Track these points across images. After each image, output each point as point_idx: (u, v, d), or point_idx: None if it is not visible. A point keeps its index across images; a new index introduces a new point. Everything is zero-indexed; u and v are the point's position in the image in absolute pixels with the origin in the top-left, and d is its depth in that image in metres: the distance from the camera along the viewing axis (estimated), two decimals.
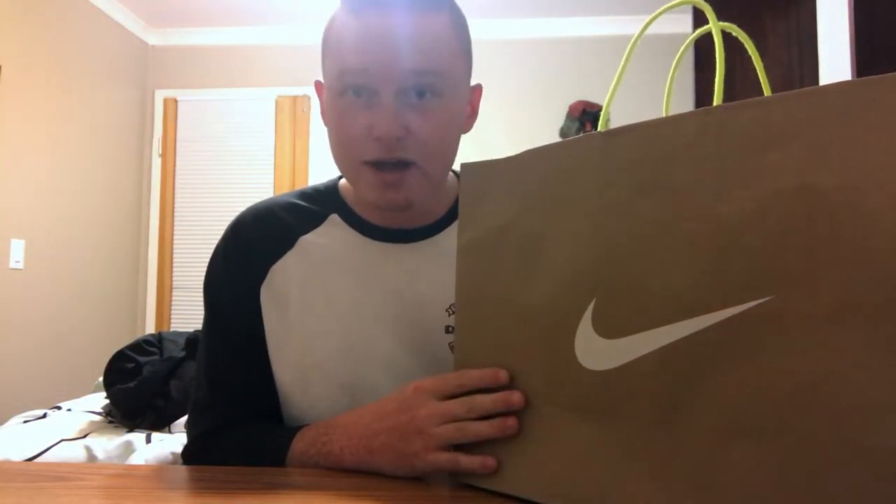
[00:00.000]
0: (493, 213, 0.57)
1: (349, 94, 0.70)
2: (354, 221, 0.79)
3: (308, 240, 0.79)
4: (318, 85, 0.79)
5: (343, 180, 0.83)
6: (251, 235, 0.80)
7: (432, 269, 0.76)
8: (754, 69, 0.49)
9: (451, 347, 0.70)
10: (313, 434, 0.67)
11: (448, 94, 0.71)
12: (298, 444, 0.67)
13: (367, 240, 0.78)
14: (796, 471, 0.38)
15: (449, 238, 0.78)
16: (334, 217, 0.80)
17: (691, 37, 0.54)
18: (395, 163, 0.70)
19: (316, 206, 0.81)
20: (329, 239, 0.78)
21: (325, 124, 0.76)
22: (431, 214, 0.79)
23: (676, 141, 0.45)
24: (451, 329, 0.74)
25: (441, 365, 0.70)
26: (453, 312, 0.72)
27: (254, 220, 0.81)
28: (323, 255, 0.77)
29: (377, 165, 0.70)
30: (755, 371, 0.40)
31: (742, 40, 0.50)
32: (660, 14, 0.49)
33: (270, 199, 0.84)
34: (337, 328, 0.75)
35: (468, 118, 0.79)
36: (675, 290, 0.44)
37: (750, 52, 0.49)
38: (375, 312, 0.75)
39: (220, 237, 0.83)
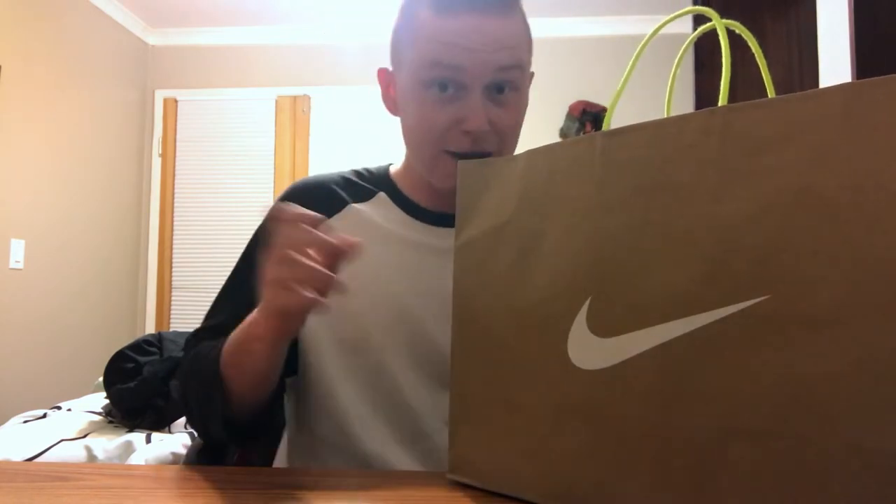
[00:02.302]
0: (491, 212, 0.57)
1: (435, 87, 0.73)
2: (401, 202, 0.83)
3: (357, 208, 0.82)
4: (383, 73, 0.83)
5: (393, 167, 0.87)
6: (302, 199, 0.82)
7: None
8: (755, 68, 0.49)
9: None
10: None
11: (522, 87, 0.76)
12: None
13: (411, 218, 0.82)
14: (794, 472, 0.38)
15: None
16: (382, 195, 0.84)
17: (692, 36, 0.54)
18: (478, 154, 0.73)
19: (367, 183, 0.85)
20: (376, 211, 0.82)
21: (394, 112, 0.81)
22: None
23: (680, 141, 0.45)
24: None
25: None
26: None
27: (305, 187, 0.85)
28: (369, 224, 0.81)
29: (459, 155, 0.73)
30: (752, 371, 0.40)
31: (745, 38, 0.50)
32: (668, 22, 0.49)
33: (322, 174, 0.88)
34: (372, 296, 0.78)
35: None
36: (671, 288, 0.44)
37: (753, 50, 0.49)
38: (410, 285, 0.78)
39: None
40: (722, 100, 0.45)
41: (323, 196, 0.82)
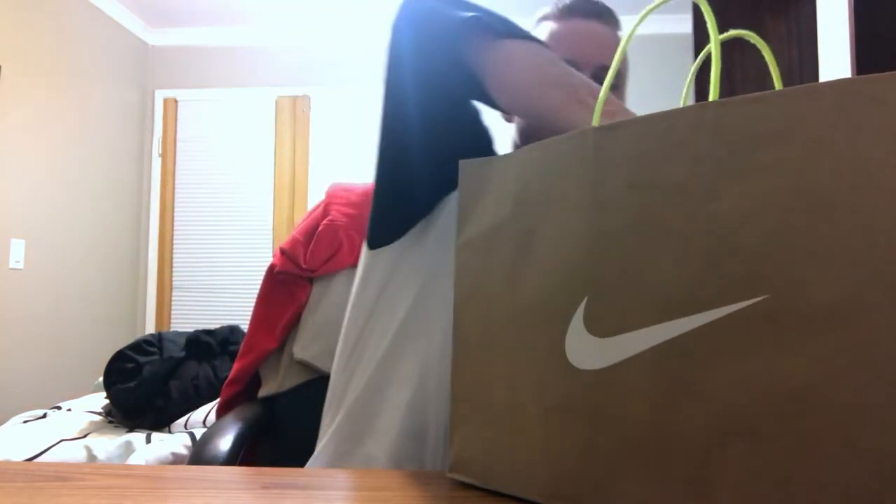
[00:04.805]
0: (490, 210, 0.57)
1: None
2: None
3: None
4: None
5: None
6: None
7: None
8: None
9: None
10: None
11: (617, 88, 0.93)
12: None
13: None
14: (794, 472, 0.38)
15: None
16: None
17: (711, 43, 0.54)
18: None
19: None
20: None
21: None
22: None
23: (671, 137, 0.44)
24: None
25: None
26: None
27: None
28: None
29: None
30: (751, 371, 0.40)
31: (759, 47, 0.49)
32: (652, 10, 0.49)
33: None
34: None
35: None
36: (668, 287, 0.43)
37: (766, 59, 0.49)
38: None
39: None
40: (713, 94, 0.44)
41: None
